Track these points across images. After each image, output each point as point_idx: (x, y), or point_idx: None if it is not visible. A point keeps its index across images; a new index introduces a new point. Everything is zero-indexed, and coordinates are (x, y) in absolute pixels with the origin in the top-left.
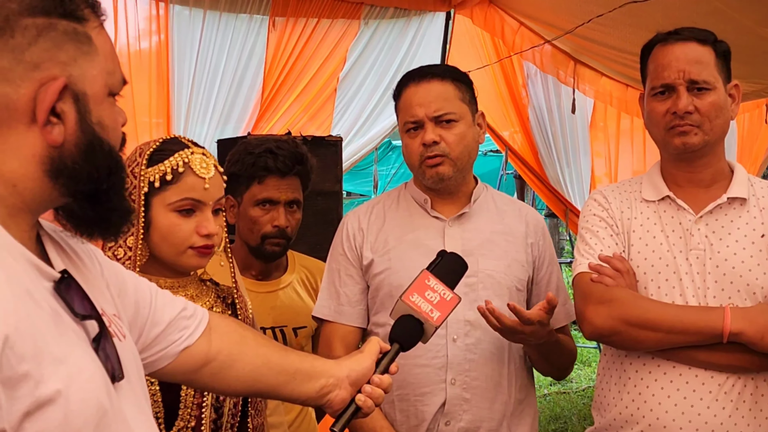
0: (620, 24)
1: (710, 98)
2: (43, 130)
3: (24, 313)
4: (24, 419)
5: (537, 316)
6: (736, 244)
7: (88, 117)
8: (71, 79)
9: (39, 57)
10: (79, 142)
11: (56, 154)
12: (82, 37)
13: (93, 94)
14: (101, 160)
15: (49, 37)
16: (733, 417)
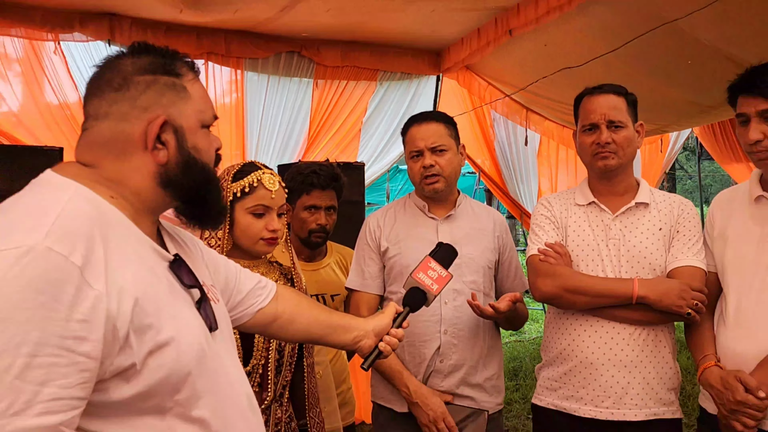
0: (557, 83)
1: (623, 133)
2: (152, 154)
3: (148, 283)
4: (148, 356)
5: (506, 308)
6: (641, 236)
7: (184, 143)
8: (170, 116)
9: (147, 102)
10: (178, 161)
11: (163, 170)
12: (179, 87)
13: (188, 126)
14: (196, 174)
15: (154, 89)
16: (639, 356)
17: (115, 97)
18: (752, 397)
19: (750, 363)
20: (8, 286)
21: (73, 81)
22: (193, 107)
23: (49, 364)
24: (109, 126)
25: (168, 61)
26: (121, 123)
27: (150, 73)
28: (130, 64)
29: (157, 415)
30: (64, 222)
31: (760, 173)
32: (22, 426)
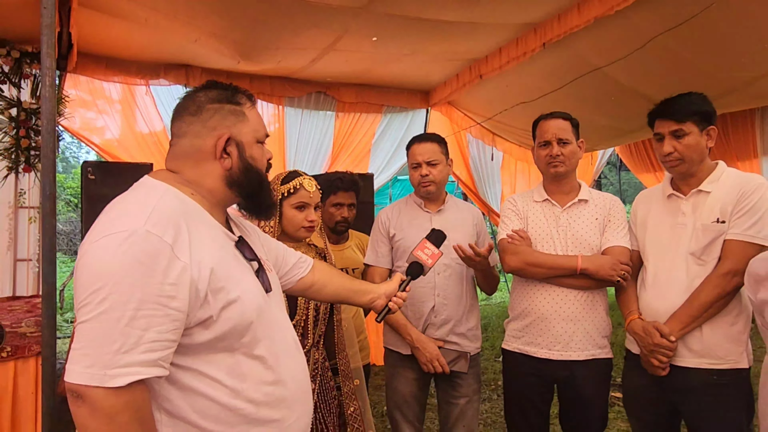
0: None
1: (569, 148)
2: (220, 162)
3: (220, 257)
4: (221, 310)
5: (485, 253)
6: (583, 224)
7: (244, 154)
8: (233, 134)
9: (215, 124)
10: (240, 167)
11: (228, 174)
12: (239, 112)
13: (246, 142)
14: (254, 176)
15: (221, 113)
16: (581, 312)
17: (191, 120)
18: (665, 340)
19: (663, 316)
20: (117, 260)
21: (159, 115)
22: (250, 127)
23: (150, 316)
24: (187, 142)
25: (231, 94)
26: (196, 139)
27: (217, 102)
28: (203, 96)
29: (227, 353)
30: (158, 212)
31: (671, 177)
32: (131, 360)
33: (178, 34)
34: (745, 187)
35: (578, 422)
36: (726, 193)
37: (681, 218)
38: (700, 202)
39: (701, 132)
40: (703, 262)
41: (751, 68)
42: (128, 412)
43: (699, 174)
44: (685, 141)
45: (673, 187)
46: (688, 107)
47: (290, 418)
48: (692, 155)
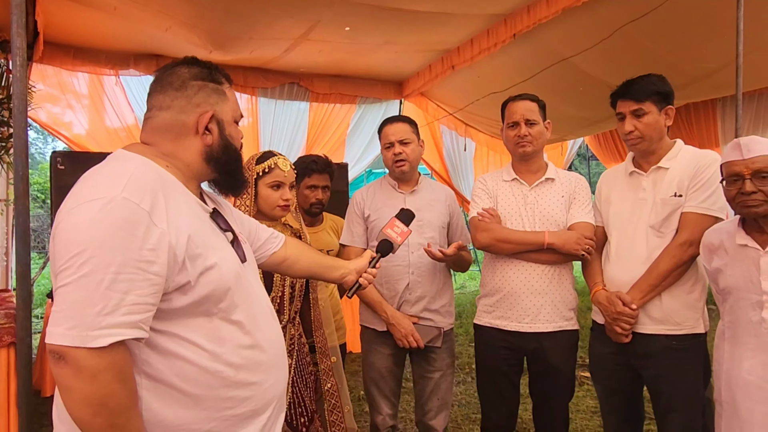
0: (487, 105)
1: (536, 128)
2: (202, 138)
3: (197, 225)
4: (199, 276)
5: (452, 252)
6: (549, 201)
7: (223, 132)
8: (215, 112)
9: (199, 100)
10: (220, 144)
11: (208, 150)
12: (220, 91)
13: (226, 120)
14: (231, 154)
15: (204, 91)
16: (549, 286)
17: (175, 94)
18: (627, 308)
19: (625, 286)
20: (97, 225)
21: (130, 106)
22: (230, 106)
23: (130, 280)
24: (170, 115)
25: (213, 72)
26: (179, 114)
27: (201, 79)
28: (186, 72)
29: (206, 318)
30: (134, 181)
31: (633, 155)
32: (113, 322)
33: (149, 23)
34: (700, 163)
35: (547, 391)
36: (683, 168)
37: (642, 194)
38: (659, 178)
39: (660, 111)
40: (662, 234)
41: (712, 59)
42: (110, 371)
43: (658, 151)
44: (644, 120)
45: (635, 164)
46: (648, 87)
47: (268, 382)
48: (651, 133)
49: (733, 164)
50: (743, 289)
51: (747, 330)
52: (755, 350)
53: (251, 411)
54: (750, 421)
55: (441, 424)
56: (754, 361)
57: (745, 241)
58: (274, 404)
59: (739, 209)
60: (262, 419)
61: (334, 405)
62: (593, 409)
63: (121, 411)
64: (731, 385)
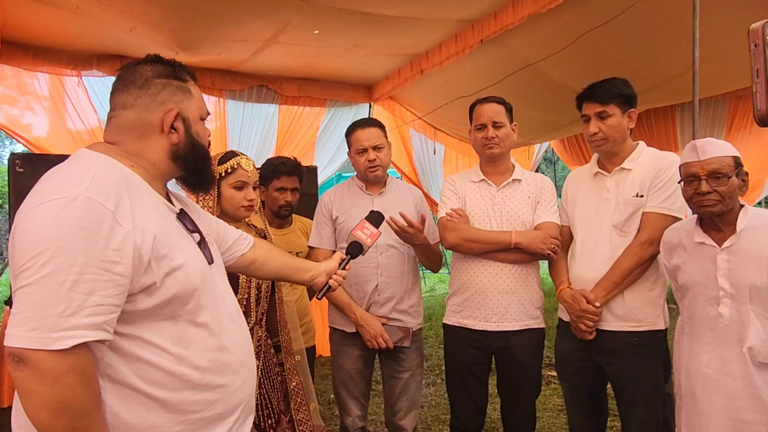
0: (455, 108)
1: (503, 130)
2: (167, 136)
3: (162, 226)
4: (165, 277)
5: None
6: (516, 202)
7: (189, 129)
8: (180, 110)
9: (164, 98)
10: (186, 142)
11: (174, 148)
12: (185, 89)
13: (192, 118)
14: (198, 152)
15: (169, 89)
16: (516, 285)
17: (139, 93)
18: (591, 306)
19: (590, 284)
20: (60, 224)
21: (94, 108)
22: (195, 104)
23: (93, 280)
24: (134, 114)
25: (176, 70)
26: (144, 113)
27: (164, 77)
28: (149, 70)
29: (171, 321)
30: (99, 180)
31: (598, 157)
32: (75, 323)
33: (113, 23)
34: (660, 164)
35: (514, 389)
36: (645, 169)
37: (605, 194)
38: (622, 179)
39: (623, 114)
40: (625, 234)
41: (671, 66)
42: (72, 374)
43: (621, 153)
44: (608, 122)
45: (599, 165)
46: (612, 90)
47: (235, 384)
48: (615, 135)
49: (690, 165)
50: (701, 285)
51: (704, 325)
52: (712, 344)
53: (218, 414)
54: (709, 412)
55: (410, 424)
56: (711, 355)
57: (703, 239)
58: (242, 407)
59: (696, 209)
60: (230, 422)
61: (299, 403)
62: (560, 407)
63: (83, 414)
64: (690, 378)
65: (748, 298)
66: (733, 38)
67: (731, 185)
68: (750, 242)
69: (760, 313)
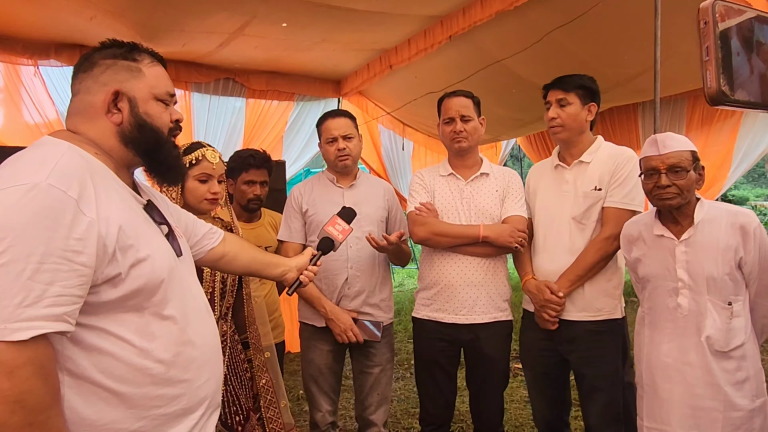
0: (424, 105)
1: (471, 124)
2: (108, 116)
3: (128, 216)
4: (130, 268)
5: (395, 240)
6: (484, 195)
7: (136, 109)
8: (123, 89)
9: (106, 79)
10: (132, 122)
11: (120, 130)
12: (134, 68)
13: (140, 97)
14: (148, 133)
15: (113, 69)
16: (484, 278)
17: (83, 76)
18: (554, 296)
19: (552, 275)
20: (19, 212)
21: (51, 99)
22: (146, 83)
23: (54, 270)
24: (80, 98)
25: (127, 50)
26: (87, 95)
27: (111, 58)
28: (98, 54)
29: (136, 313)
30: (61, 167)
31: (559, 149)
32: (34, 314)
33: (71, 11)
34: (618, 159)
35: (483, 380)
36: (603, 163)
37: (565, 186)
38: (580, 172)
39: (583, 105)
40: (583, 226)
41: (633, 65)
42: (30, 366)
43: (580, 146)
44: (567, 109)
45: (560, 158)
46: (575, 81)
47: (200, 380)
48: (572, 123)
49: (650, 159)
50: (660, 277)
51: (664, 315)
52: (672, 334)
53: (182, 409)
54: (669, 400)
55: (381, 419)
56: (671, 345)
57: (662, 232)
58: (207, 402)
59: (656, 202)
60: (194, 418)
61: (269, 401)
62: (526, 399)
63: (40, 409)
64: (651, 367)
65: (706, 289)
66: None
67: (689, 179)
68: (706, 234)
69: (716, 303)
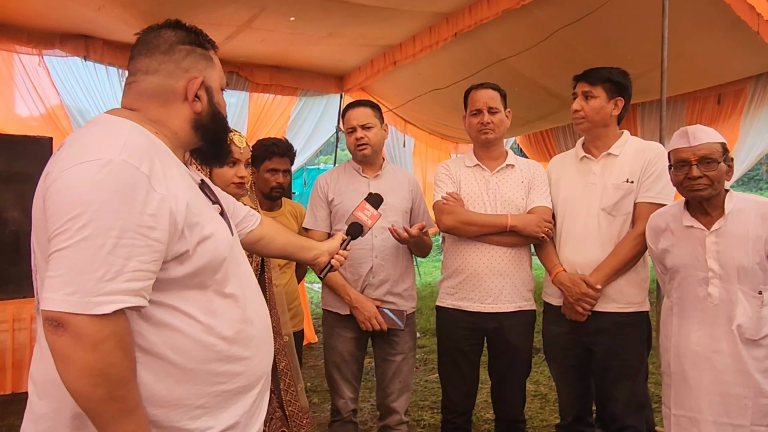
0: (427, 102)
1: (498, 116)
2: (191, 104)
3: (192, 193)
4: (197, 245)
5: (416, 233)
6: (510, 186)
7: (212, 99)
8: (205, 78)
9: (188, 66)
10: (209, 111)
11: (197, 117)
12: (208, 57)
13: (215, 87)
14: (219, 122)
15: (193, 56)
16: (510, 268)
17: (163, 58)
18: (591, 290)
19: (581, 268)
20: (97, 187)
21: (55, 88)
22: (217, 74)
23: (131, 245)
24: (157, 80)
25: (199, 37)
26: (168, 79)
27: (188, 44)
28: (173, 35)
29: (200, 290)
30: (131, 143)
31: (583, 140)
32: (116, 288)
33: (79, 1)
34: (648, 154)
35: (506, 369)
36: (632, 157)
37: (591, 178)
38: (608, 164)
39: (609, 99)
40: (613, 218)
41: (635, 65)
42: (113, 340)
43: (605, 139)
44: (591, 103)
45: (585, 150)
46: (603, 75)
47: (258, 357)
48: (595, 117)
49: (680, 151)
50: (690, 267)
51: (694, 305)
52: (702, 323)
53: (242, 387)
54: (698, 388)
55: (402, 406)
56: (701, 333)
57: (691, 223)
58: (263, 380)
59: (686, 193)
60: (252, 395)
61: (288, 384)
62: (533, 392)
63: (122, 382)
64: (680, 356)
65: (736, 278)
66: (694, 41)
67: (720, 170)
68: (736, 225)
69: (747, 292)
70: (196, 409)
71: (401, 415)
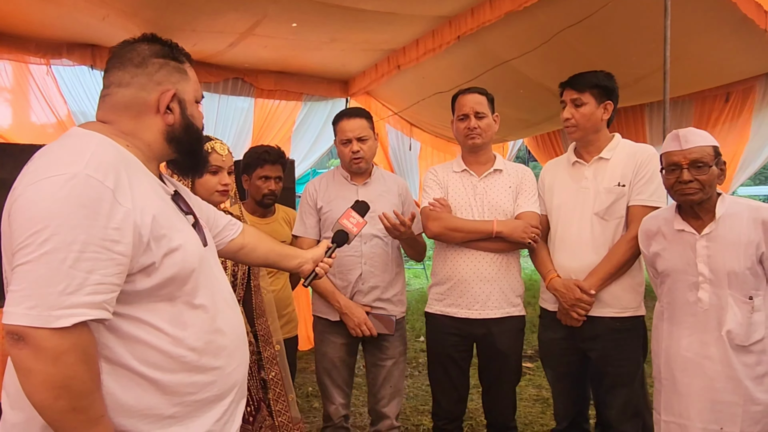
0: (431, 105)
1: (485, 121)
2: (163, 117)
3: (161, 206)
4: (164, 257)
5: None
6: (498, 191)
7: (185, 111)
8: (177, 90)
9: (161, 78)
10: (182, 123)
11: (170, 129)
12: (182, 70)
13: (188, 99)
14: (193, 134)
15: (166, 69)
16: (497, 274)
17: (135, 71)
18: (585, 295)
19: (575, 273)
20: (59, 202)
21: (63, 97)
22: (191, 86)
23: (94, 259)
24: (130, 93)
25: (173, 50)
26: (140, 91)
27: (162, 57)
28: (147, 48)
29: (168, 302)
30: (97, 158)
31: (575, 145)
32: (77, 301)
33: (85, 10)
34: (640, 157)
35: (496, 375)
36: (624, 160)
37: (584, 182)
38: (600, 168)
39: (598, 104)
40: (606, 222)
41: (641, 66)
42: (74, 353)
43: (598, 143)
44: (581, 110)
45: (577, 155)
46: (590, 80)
47: (230, 366)
48: (586, 123)
49: (672, 154)
50: (681, 272)
51: (684, 310)
52: (692, 328)
53: (214, 396)
54: (688, 394)
55: (393, 411)
56: (691, 339)
57: (682, 227)
58: (236, 389)
59: (677, 197)
60: (224, 404)
61: (278, 393)
62: (535, 397)
63: (84, 394)
64: (670, 362)
65: (727, 283)
66: (700, 40)
67: (711, 174)
68: (728, 229)
69: (737, 297)
70: (167, 418)
71: (393, 420)
